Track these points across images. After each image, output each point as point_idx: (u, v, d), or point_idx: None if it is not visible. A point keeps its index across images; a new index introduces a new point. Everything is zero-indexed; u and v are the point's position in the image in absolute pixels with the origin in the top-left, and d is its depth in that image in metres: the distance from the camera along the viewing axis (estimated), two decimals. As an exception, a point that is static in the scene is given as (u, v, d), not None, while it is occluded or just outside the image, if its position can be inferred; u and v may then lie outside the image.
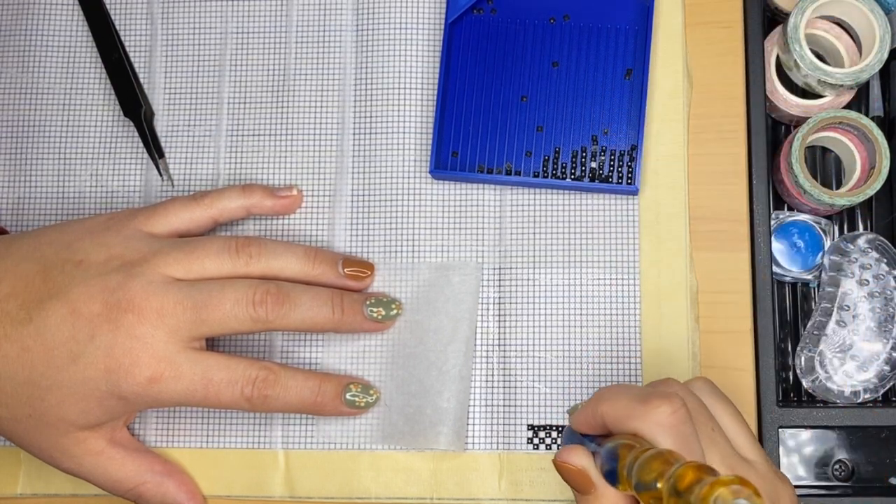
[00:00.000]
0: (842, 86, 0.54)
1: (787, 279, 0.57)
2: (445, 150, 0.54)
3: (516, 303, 0.53)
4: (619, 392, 0.39)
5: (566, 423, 0.51)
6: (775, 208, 0.58)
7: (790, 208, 0.58)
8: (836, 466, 0.54)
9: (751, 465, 0.40)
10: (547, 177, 0.53)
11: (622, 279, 0.53)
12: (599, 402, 0.39)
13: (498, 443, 0.52)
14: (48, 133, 0.57)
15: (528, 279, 0.53)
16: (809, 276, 0.57)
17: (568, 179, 0.53)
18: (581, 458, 0.39)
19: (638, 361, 0.52)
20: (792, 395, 0.56)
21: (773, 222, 0.56)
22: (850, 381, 0.54)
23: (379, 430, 0.52)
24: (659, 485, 0.32)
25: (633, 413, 0.37)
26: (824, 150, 0.59)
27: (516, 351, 0.53)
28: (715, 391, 0.42)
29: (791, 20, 0.54)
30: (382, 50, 0.56)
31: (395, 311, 0.52)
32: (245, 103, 0.56)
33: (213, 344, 0.53)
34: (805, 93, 0.57)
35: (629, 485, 0.35)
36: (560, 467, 0.39)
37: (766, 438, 0.51)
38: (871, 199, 0.56)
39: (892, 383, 0.54)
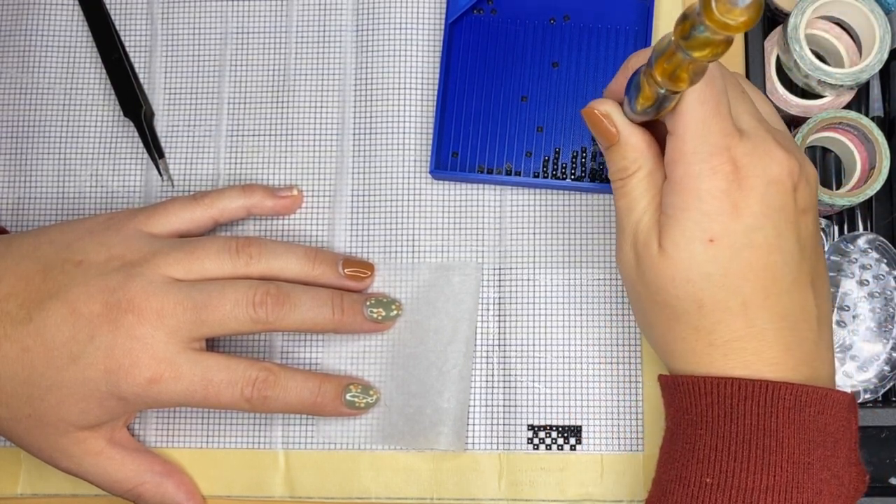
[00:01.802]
0: (842, 86, 0.54)
1: (787, 279, 0.57)
2: (445, 150, 0.54)
3: (516, 303, 0.53)
4: (650, 47, 0.41)
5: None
6: (775, 208, 0.58)
7: (790, 208, 0.58)
8: (836, 466, 0.54)
9: (769, 129, 0.42)
10: (547, 177, 0.53)
11: (622, 279, 0.53)
12: (630, 58, 0.43)
13: (498, 443, 0.52)
14: (48, 133, 0.57)
15: (528, 279, 0.53)
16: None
17: (568, 179, 0.53)
18: (608, 106, 0.42)
19: (638, 361, 0.52)
20: (792, 395, 0.56)
21: (773, 222, 0.56)
22: (849, 381, 0.54)
23: (379, 431, 0.52)
24: (672, 37, 0.33)
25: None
26: (824, 150, 0.59)
27: (516, 351, 0.53)
28: (748, 82, 0.45)
29: (791, 20, 0.54)
30: (382, 50, 0.56)
31: (395, 312, 0.52)
32: (245, 103, 0.56)
33: (213, 344, 0.53)
34: (805, 93, 0.57)
35: (647, 80, 0.37)
36: (587, 114, 0.43)
37: (766, 438, 0.51)
38: (871, 199, 0.56)
39: (892, 383, 0.54)
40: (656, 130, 0.43)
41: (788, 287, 0.40)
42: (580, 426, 0.52)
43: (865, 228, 0.58)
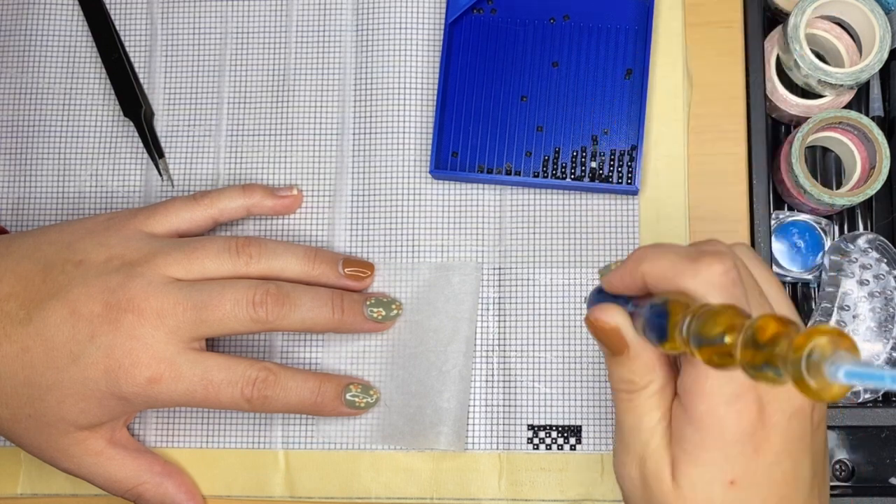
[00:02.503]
0: (842, 86, 0.54)
1: (788, 279, 0.57)
2: (445, 150, 0.54)
3: (516, 303, 0.53)
4: (663, 250, 0.37)
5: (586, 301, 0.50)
6: (775, 208, 0.58)
7: (790, 208, 0.58)
8: (836, 466, 0.54)
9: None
10: (547, 177, 0.53)
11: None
12: (641, 261, 0.37)
13: (498, 443, 0.52)
14: (48, 133, 0.57)
15: (528, 279, 0.53)
16: (809, 276, 0.57)
17: (568, 179, 0.53)
18: (616, 316, 0.38)
19: (638, 361, 0.52)
20: (792, 395, 0.56)
21: (773, 222, 0.56)
22: (850, 381, 0.53)
23: (379, 431, 0.52)
24: (727, 339, 0.30)
25: (682, 271, 0.35)
26: (824, 150, 0.59)
27: (516, 351, 0.53)
28: (757, 257, 0.40)
29: (791, 20, 0.54)
30: (382, 50, 0.56)
31: (395, 312, 0.52)
32: (245, 103, 0.56)
33: (213, 344, 0.53)
34: (805, 93, 0.57)
35: (682, 342, 0.33)
36: (593, 325, 0.38)
37: (766, 438, 0.51)
38: (871, 199, 0.56)
39: (892, 383, 0.54)
40: None
41: None
42: (580, 426, 0.52)
43: (865, 228, 0.58)
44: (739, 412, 0.36)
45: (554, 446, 0.51)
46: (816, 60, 0.53)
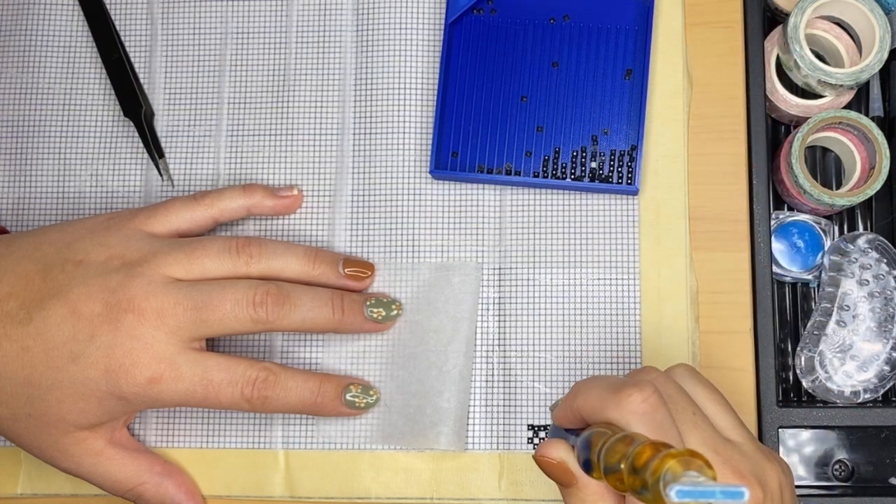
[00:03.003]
0: (842, 86, 0.54)
1: (787, 279, 0.57)
2: (445, 150, 0.54)
3: (516, 303, 0.53)
4: (593, 384, 0.39)
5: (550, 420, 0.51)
6: (775, 208, 0.58)
7: (790, 208, 0.58)
8: (836, 466, 0.54)
9: (735, 445, 0.40)
10: (547, 177, 0.53)
11: (622, 279, 0.53)
12: (576, 397, 0.39)
13: (498, 443, 0.52)
14: (48, 133, 0.57)
15: (528, 279, 0.53)
16: (809, 276, 0.57)
17: (568, 179, 0.53)
18: (559, 452, 0.39)
19: (638, 362, 0.52)
20: (792, 395, 0.56)
21: (773, 222, 0.56)
22: (850, 381, 0.54)
23: (379, 430, 0.52)
24: (622, 465, 0.32)
25: (606, 403, 0.37)
26: (824, 150, 0.59)
27: (516, 351, 0.53)
28: (695, 375, 0.42)
29: (791, 20, 0.54)
30: (382, 50, 0.56)
31: (395, 312, 0.52)
32: (245, 103, 0.56)
33: (213, 344, 0.53)
34: (805, 93, 0.57)
35: (598, 471, 0.35)
36: (540, 462, 0.40)
37: (766, 438, 0.51)
38: (871, 199, 0.56)
39: (892, 383, 0.54)
40: None
41: None
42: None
43: (865, 228, 0.58)
44: None
45: (554, 446, 0.51)
46: (816, 60, 0.53)
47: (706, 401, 0.41)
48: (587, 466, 0.37)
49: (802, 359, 0.54)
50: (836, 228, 0.58)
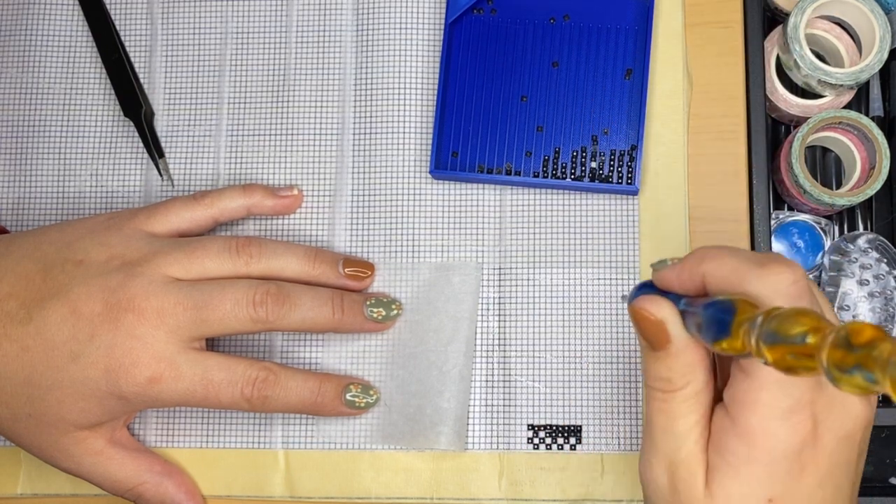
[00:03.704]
0: (842, 86, 0.54)
1: (787, 279, 0.57)
2: (445, 150, 0.54)
3: (516, 303, 0.53)
4: (729, 252, 0.36)
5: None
6: (775, 208, 0.58)
7: (790, 208, 0.58)
8: (836, 466, 0.54)
9: None
10: (547, 177, 0.53)
11: (622, 279, 0.53)
12: (703, 260, 0.36)
13: (498, 443, 0.52)
14: (48, 133, 0.57)
15: (528, 279, 0.53)
16: (809, 276, 0.57)
17: (568, 179, 0.53)
18: (664, 309, 0.37)
19: (638, 361, 0.52)
20: (792, 395, 0.56)
21: (773, 222, 0.56)
22: (850, 381, 0.53)
23: (379, 430, 0.52)
24: (810, 339, 0.29)
25: (749, 275, 0.34)
26: (824, 150, 0.59)
27: (516, 351, 0.53)
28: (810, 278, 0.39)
29: (791, 20, 0.54)
30: (382, 50, 0.56)
31: (395, 312, 0.52)
32: (245, 103, 0.56)
33: (213, 344, 0.53)
34: (805, 93, 0.57)
35: (747, 340, 0.31)
36: (637, 315, 0.37)
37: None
38: (871, 199, 0.56)
39: (892, 383, 0.54)
40: None
41: None
42: (580, 426, 0.52)
43: (865, 228, 0.58)
44: (793, 428, 0.35)
45: (554, 446, 0.51)
46: (816, 60, 0.53)
47: (824, 304, 0.39)
48: (720, 328, 0.33)
49: (802, 359, 0.54)
50: (836, 228, 0.58)
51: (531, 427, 0.52)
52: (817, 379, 0.35)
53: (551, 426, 0.52)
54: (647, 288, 0.39)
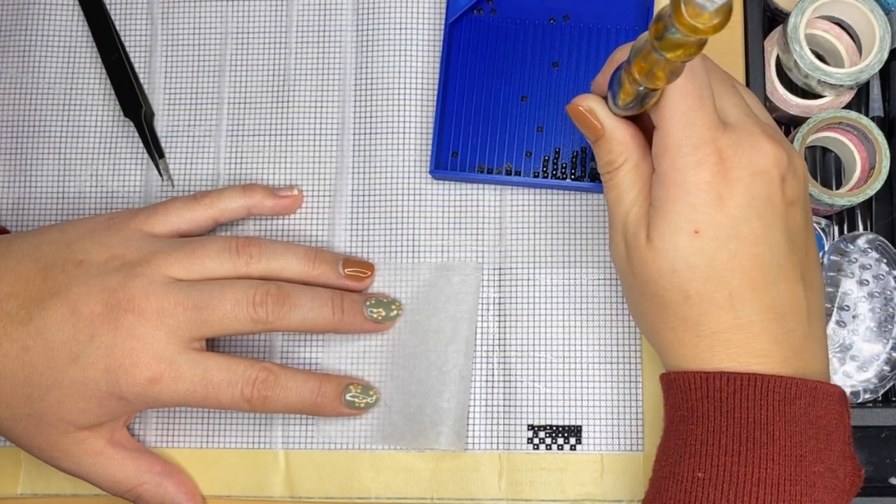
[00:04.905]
0: (842, 86, 0.54)
1: (787, 279, 0.57)
2: (445, 150, 0.54)
3: (516, 303, 0.53)
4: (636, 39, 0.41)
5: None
6: (775, 208, 0.58)
7: (790, 208, 0.58)
8: (836, 466, 0.54)
9: (764, 123, 0.42)
10: (547, 177, 0.53)
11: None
12: (616, 52, 0.43)
13: (498, 443, 0.52)
14: (48, 133, 0.57)
15: (528, 279, 0.53)
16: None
17: (568, 179, 0.53)
18: (591, 101, 0.43)
19: (638, 361, 0.52)
20: (792, 395, 0.56)
21: (773, 222, 0.56)
22: (850, 381, 0.54)
23: (379, 430, 0.52)
24: (650, 35, 0.34)
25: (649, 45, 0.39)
26: (824, 150, 0.59)
27: (516, 351, 0.53)
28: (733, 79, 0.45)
29: (791, 20, 0.54)
30: (382, 50, 0.56)
31: (395, 312, 0.52)
32: (245, 103, 0.56)
33: (213, 344, 0.53)
34: (805, 93, 0.57)
35: (627, 77, 0.37)
36: (572, 111, 0.43)
37: (766, 438, 0.51)
38: (871, 199, 0.56)
39: (892, 383, 0.54)
40: (643, 123, 0.43)
41: (776, 279, 0.41)
42: (580, 426, 0.52)
43: (865, 228, 0.58)
44: (699, 161, 0.40)
45: (554, 446, 0.51)
46: (816, 60, 0.53)
47: (741, 88, 0.45)
48: (617, 87, 0.40)
49: (802, 359, 0.54)
50: (836, 228, 0.58)
51: (531, 427, 0.52)
52: (718, 121, 0.40)
53: (551, 426, 0.52)
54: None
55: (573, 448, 0.51)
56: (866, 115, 0.57)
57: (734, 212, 0.40)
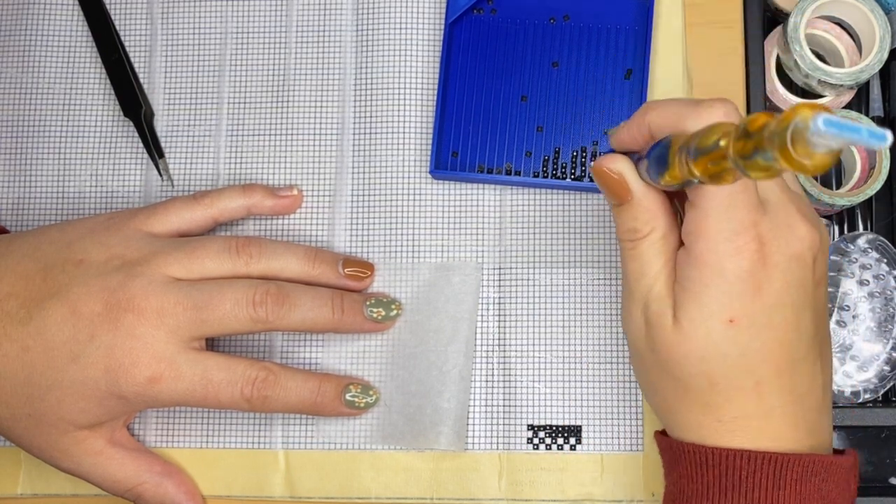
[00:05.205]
0: (842, 86, 0.54)
1: (787, 279, 0.57)
2: (445, 150, 0.54)
3: (516, 303, 0.53)
4: (668, 100, 0.39)
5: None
6: (775, 208, 0.58)
7: (790, 208, 0.58)
8: (836, 466, 0.54)
9: (797, 196, 0.40)
10: (547, 177, 0.53)
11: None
12: (647, 112, 0.39)
13: (498, 443, 0.52)
14: (48, 133, 0.57)
15: (528, 279, 0.53)
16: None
17: (568, 179, 0.53)
18: (620, 164, 0.40)
19: (638, 361, 0.52)
20: (792, 395, 0.56)
21: (773, 222, 0.56)
22: (850, 381, 0.54)
23: (379, 430, 0.52)
24: (722, 142, 0.31)
25: (686, 114, 0.37)
26: (824, 150, 0.59)
27: (516, 351, 0.53)
28: None
29: (791, 20, 0.54)
30: (382, 50, 0.56)
31: (395, 312, 0.52)
32: (245, 103, 0.56)
33: (213, 344, 0.53)
34: (805, 93, 0.57)
35: (680, 164, 0.34)
36: (598, 172, 0.40)
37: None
38: (871, 199, 0.56)
39: (892, 383, 0.54)
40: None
41: (800, 362, 0.39)
42: (580, 426, 0.52)
43: (865, 228, 0.58)
44: (739, 249, 0.37)
45: (554, 446, 0.51)
46: (816, 60, 0.53)
47: None
48: (659, 164, 0.36)
49: (802, 359, 0.54)
50: (836, 228, 0.58)
51: (531, 427, 0.52)
52: (758, 203, 0.38)
53: (551, 426, 0.52)
54: (609, 152, 0.42)
55: (573, 448, 0.51)
56: (866, 115, 0.57)
57: (769, 300, 0.38)
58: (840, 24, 0.57)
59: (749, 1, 0.55)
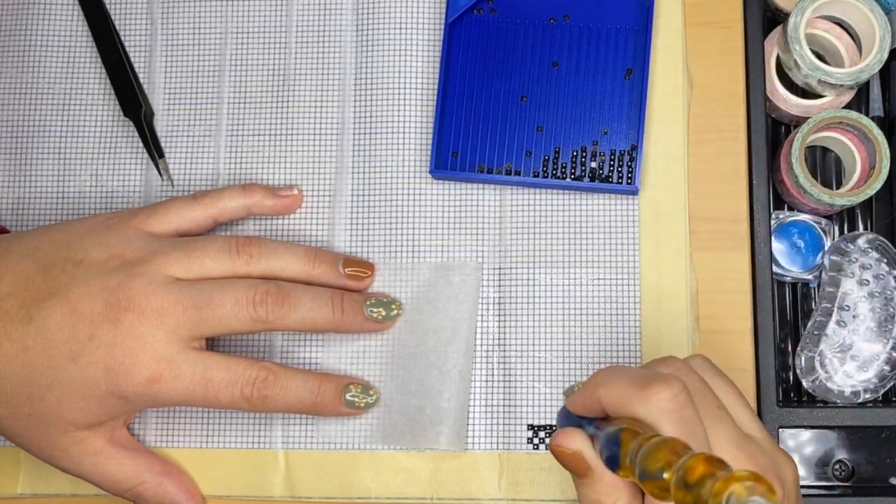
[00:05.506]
0: (842, 86, 0.54)
1: (787, 279, 0.57)
2: (445, 150, 0.54)
3: (516, 303, 0.53)
4: (617, 375, 0.38)
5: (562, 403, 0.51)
6: (775, 208, 0.58)
7: (790, 208, 0.58)
8: (836, 466, 0.54)
9: (755, 440, 0.39)
10: (547, 177, 0.53)
11: (622, 279, 0.53)
12: (597, 387, 0.38)
13: (498, 443, 0.52)
14: (48, 133, 0.57)
15: (528, 279, 0.53)
16: (809, 276, 0.57)
17: (568, 179, 0.53)
18: (577, 442, 0.38)
19: (638, 362, 0.52)
20: (792, 395, 0.56)
21: (773, 222, 0.56)
22: (850, 381, 0.54)
23: (379, 430, 0.52)
24: (665, 475, 0.31)
25: (633, 399, 0.36)
26: (824, 150, 0.59)
27: (516, 351, 0.53)
28: (714, 368, 0.42)
29: (791, 20, 0.54)
30: (382, 50, 0.56)
31: (395, 312, 0.52)
32: (245, 103, 0.56)
33: (213, 344, 0.53)
34: (805, 93, 0.57)
35: (631, 472, 0.34)
36: (556, 451, 0.39)
37: (766, 438, 0.51)
38: (871, 199, 0.56)
39: (892, 383, 0.54)
40: None
41: None
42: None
43: (865, 228, 0.58)
44: None
45: (554, 446, 0.51)
46: (816, 60, 0.53)
47: (725, 394, 0.41)
48: (612, 462, 0.36)
49: (802, 359, 0.54)
50: (836, 228, 0.58)
51: (531, 427, 0.52)
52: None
53: (551, 426, 0.52)
54: (568, 413, 0.41)
55: (573, 448, 0.51)
56: (866, 114, 0.57)
57: None
58: (840, 23, 0.56)
59: (749, 1, 0.55)
